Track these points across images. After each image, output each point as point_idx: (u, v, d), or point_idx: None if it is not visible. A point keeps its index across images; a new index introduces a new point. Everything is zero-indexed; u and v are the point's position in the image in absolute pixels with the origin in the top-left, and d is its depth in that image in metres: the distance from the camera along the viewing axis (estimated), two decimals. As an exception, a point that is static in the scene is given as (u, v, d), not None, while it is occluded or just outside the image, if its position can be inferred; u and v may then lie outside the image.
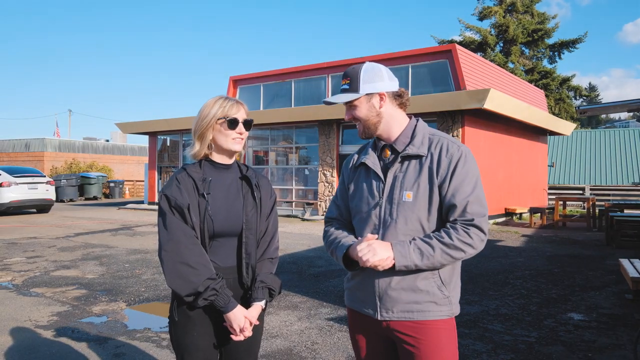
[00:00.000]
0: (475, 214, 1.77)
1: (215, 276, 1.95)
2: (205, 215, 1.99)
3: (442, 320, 1.84)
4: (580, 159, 26.27)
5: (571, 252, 9.30)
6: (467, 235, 1.76)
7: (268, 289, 2.08)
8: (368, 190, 1.92)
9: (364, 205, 1.92)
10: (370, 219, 1.89)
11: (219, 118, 2.05)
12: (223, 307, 1.95)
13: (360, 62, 1.93)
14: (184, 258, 1.93)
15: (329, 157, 16.08)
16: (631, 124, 45.36)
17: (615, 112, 21.64)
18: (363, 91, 1.87)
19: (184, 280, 1.92)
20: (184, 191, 1.99)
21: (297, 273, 7.23)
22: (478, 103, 12.42)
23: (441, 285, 1.84)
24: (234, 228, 2.05)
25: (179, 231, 1.96)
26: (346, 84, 1.89)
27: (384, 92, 1.89)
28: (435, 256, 1.75)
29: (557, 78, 30.30)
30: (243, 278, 2.06)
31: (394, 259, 1.75)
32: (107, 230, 12.45)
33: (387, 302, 1.85)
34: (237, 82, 19.49)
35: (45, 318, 5.02)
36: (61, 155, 32.22)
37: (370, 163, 1.93)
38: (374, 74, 1.88)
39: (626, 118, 52.78)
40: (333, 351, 4.10)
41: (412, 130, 1.92)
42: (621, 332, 4.59)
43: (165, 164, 21.08)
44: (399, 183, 1.85)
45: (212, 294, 1.92)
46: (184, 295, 1.93)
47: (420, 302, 1.82)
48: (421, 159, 1.85)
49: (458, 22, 53.02)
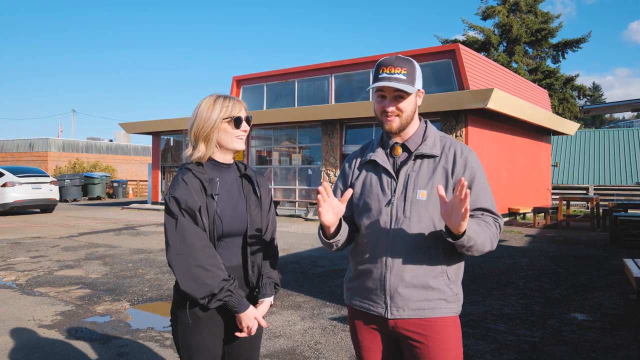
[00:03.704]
0: (497, 215, 1.88)
1: (228, 277, 1.96)
2: (214, 216, 1.99)
3: (450, 318, 1.87)
4: (584, 159, 26.20)
5: (575, 252, 9.27)
6: (497, 229, 1.85)
7: (274, 284, 2.13)
8: (379, 187, 1.91)
9: (373, 202, 1.91)
10: (381, 216, 1.88)
11: (225, 118, 2.05)
12: (237, 308, 1.96)
13: (392, 55, 1.91)
14: (199, 261, 1.91)
15: (332, 157, 16.07)
16: (635, 124, 45.19)
17: (619, 112, 21.58)
18: (417, 86, 1.88)
19: (199, 284, 1.90)
20: (193, 193, 1.98)
21: (301, 273, 7.23)
22: (481, 103, 12.39)
23: (450, 283, 1.86)
24: (240, 228, 2.06)
25: (191, 234, 1.93)
26: (402, 74, 1.84)
27: (423, 91, 1.94)
28: (485, 238, 1.78)
29: (561, 78, 30.20)
30: (249, 276, 2.08)
31: (466, 227, 1.69)
32: (110, 230, 12.47)
33: (399, 300, 1.84)
34: (241, 82, 19.50)
35: (48, 317, 5.03)
36: (65, 155, 32.31)
37: (380, 160, 1.93)
38: (420, 72, 1.91)
39: (630, 118, 52.59)
40: (336, 351, 4.10)
41: (423, 131, 1.95)
42: (625, 332, 4.57)
43: (169, 163, 21.11)
44: (413, 181, 1.86)
45: (227, 294, 1.93)
46: (200, 297, 1.91)
47: (432, 299, 1.84)
48: (434, 158, 1.88)
49: (461, 21, 52.90)
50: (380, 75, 1.85)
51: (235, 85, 19.45)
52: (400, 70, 1.84)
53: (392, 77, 1.83)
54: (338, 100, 16.82)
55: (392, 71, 1.84)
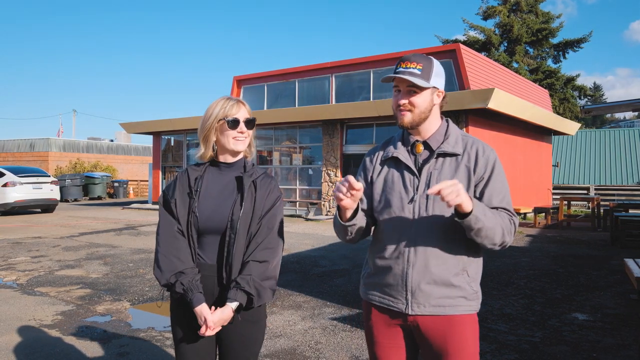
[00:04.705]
0: (512, 214, 1.88)
1: (188, 270, 2.01)
2: (192, 212, 2.05)
3: (469, 315, 1.88)
4: (584, 159, 26.17)
5: (576, 252, 9.26)
6: (510, 224, 1.84)
7: (244, 292, 1.97)
8: (401, 184, 1.92)
9: (395, 199, 1.91)
10: (403, 213, 1.89)
11: (220, 119, 2.08)
12: (190, 302, 2.00)
13: (412, 53, 1.91)
14: (164, 250, 2.06)
15: (333, 157, 16.07)
16: (636, 124, 45.13)
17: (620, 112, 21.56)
18: (432, 83, 1.88)
19: (160, 271, 2.05)
20: (177, 188, 2.10)
21: (301, 273, 7.23)
22: (482, 103, 12.39)
23: (470, 281, 1.88)
24: (219, 226, 2.05)
25: (164, 224, 2.10)
26: (417, 69, 1.85)
27: (443, 91, 1.94)
28: (496, 224, 1.77)
29: (562, 78, 30.19)
30: (223, 277, 2.05)
31: (472, 205, 1.70)
32: (111, 230, 12.48)
33: (420, 296, 1.86)
34: (241, 82, 19.51)
35: (49, 317, 5.03)
36: (66, 155, 32.32)
37: (402, 157, 1.94)
38: (440, 70, 1.91)
39: (631, 118, 52.54)
40: (337, 351, 4.10)
41: (445, 130, 1.96)
42: (626, 332, 4.57)
43: (170, 163, 21.12)
44: (435, 179, 1.87)
45: (180, 287, 1.99)
46: (161, 284, 2.05)
47: (452, 297, 1.85)
48: (457, 157, 1.90)
49: (462, 21, 52.84)
50: (397, 70, 1.89)
51: (236, 85, 19.46)
52: (416, 65, 1.86)
53: (407, 70, 1.86)
54: (339, 100, 16.82)
55: (407, 65, 1.87)
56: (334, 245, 10.00)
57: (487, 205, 1.84)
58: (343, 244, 9.95)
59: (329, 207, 16.11)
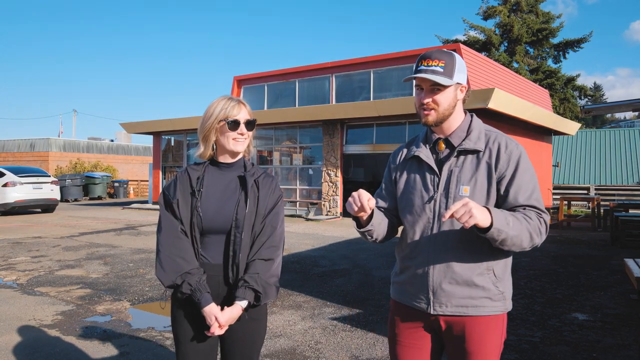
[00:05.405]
0: (542, 211, 1.80)
1: (194, 271, 1.99)
2: (195, 211, 2.04)
3: (493, 317, 1.84)
4: (585, 159, 26.16)
5: (576, 252, 9.26)
6: (540, 224, 1.78)
7: (252, 290, 2.00)
8: (422, 183, 1.91)
9: (416, 198, 1.90)
10: (424, 212, 1.88)
11: (221, 120, 2.07)
12: (198, 302, 1.99)
13: (433, 50, 1.88)
14: (168, 251, 2.03)
15: (333, 157, 16.07)
16: (636, 124, 45.13)
17: (620, 112, 21.56)
18: (455, 79, 1.84)
19: (165, 272, 2.01)
20: (178, 188, 2.08)
21: (301, 273, 7.23)
22: (482, 103, 12.39)
23: (496, 281, 1.84)
24: (223, 225, 2.05)
25: (167, 224, 2.07)
26: (439, 66, 1.82)
27: (466, 85, 1.90)
28: (521, 230, 1.71)
29: (562, 78, 30.17)
30: (229, 276, 2.06)
31: (492, 219, 1.65)
32: (111, 230, 12.48)
33: (442, 296, 1.84)
34: (242, 82, 19.51)
35: (49, 317, 5.04)
36: (66, 155, 32.33)
37: (423, 156, 1.92)
38: (462, 66, 1.87)
39: (631, 118, 52.53)
40: (337, 351, 4.10)
41: (468, 125, 1.92)
42: (626, 332, 4.57)
43: (170, 163, 21.13)
44: (455, 177, 1.85)
45: (187, 288, 1.97)
46: (166, 286, 2.01)
47: (475, 297, 1.82)
48: (478, 154, 1.86)
49: (462, 21, 52.81)
50: (419, 68, 1.85)
51: (236, 85, 19.46)
52: (437, 62, 1.82)
53: (429, 69, 1.82)
54: (339, 100, 16.82)
55: (429, 64, 1.83)
56: (334, 245, 10.01)
57: (513, 204, 1.80)
58: (343, 244, 9.95)
59: (329, 207, 16.11)
